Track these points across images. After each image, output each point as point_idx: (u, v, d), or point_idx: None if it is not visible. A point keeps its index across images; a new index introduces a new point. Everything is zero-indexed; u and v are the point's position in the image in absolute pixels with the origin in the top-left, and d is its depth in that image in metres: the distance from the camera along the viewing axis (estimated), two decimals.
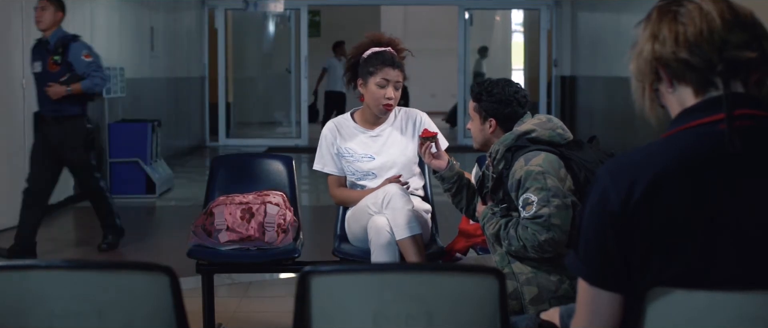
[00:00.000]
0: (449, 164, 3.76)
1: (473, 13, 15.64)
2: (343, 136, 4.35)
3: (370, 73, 4.25)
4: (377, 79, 4.24)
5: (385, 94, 4.24)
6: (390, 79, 4.24)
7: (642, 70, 1.89)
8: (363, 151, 4.30)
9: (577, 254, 1.86)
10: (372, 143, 4.32)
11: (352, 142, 4.33)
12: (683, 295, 1.77)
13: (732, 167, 1.78)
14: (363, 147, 4.31)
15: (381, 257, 3.96)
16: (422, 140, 3.82)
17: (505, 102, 3.52)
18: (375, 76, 4.24)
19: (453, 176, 3.74)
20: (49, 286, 2.03)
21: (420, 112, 4.39)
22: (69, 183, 9.12)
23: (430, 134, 3.83)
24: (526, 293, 3.27)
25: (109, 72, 9.61)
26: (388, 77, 4.23)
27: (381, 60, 4.25)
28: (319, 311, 2.04)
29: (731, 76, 1.82)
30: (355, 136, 4.35)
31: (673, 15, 1.86)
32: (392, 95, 4.26)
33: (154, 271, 2.04)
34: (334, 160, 4.35)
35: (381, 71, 4.23)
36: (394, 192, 4.03)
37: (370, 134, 4.34)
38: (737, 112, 1.79)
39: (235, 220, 4.32)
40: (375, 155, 4.29)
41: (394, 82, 4.25)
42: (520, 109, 3.53)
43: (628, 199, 1.78)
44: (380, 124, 4.35)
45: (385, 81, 4.23)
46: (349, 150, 4.32)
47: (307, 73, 15.35)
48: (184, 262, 4.38)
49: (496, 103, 3.52)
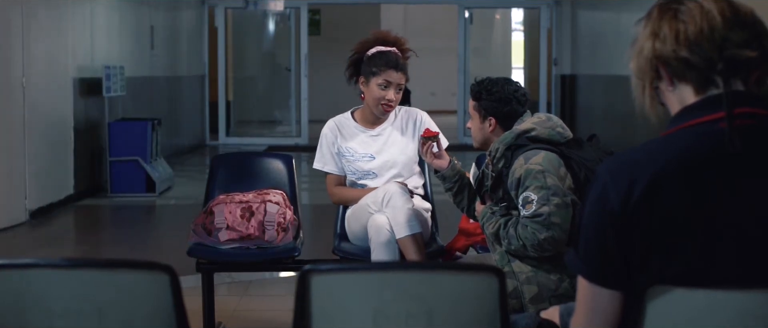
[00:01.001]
0: (451, 164, 3.75)
1: (473, 11, 15.64)
2: (344, 135, 4.34)
3: (373, 73, 4.24)
4: (380, 80, 4.23)
5: (385, 95, 4.23)
6: (392, 82, 4.23)
7: (642, 68, 1.89)
8: (363, 150, 4.30)
9: (577, 252, 1.86)
10: (372, 142, 4.31)
11: (352, 141, 4.33)
12: (683, 293, 1.77)
13: (732, 165, 1.78)
14: (363, 146, 4.31)
15: (381, 256, 3.96)
16: (424, 140, 3.82)
17: (504, 101, 3.51)
18: (377, 77, 4.23)
19: (455, 176, 3.74)
20: (49, 285, 2.02)
21: (420, 112, 4.39)
22: (69, 182, 9.13)
23: (432, 134, 3.83)
24: (526, 292, 3.26)
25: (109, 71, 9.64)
26: (390, 79, 4.22)
27: (385, 61, 4.24)
28: (319, 309, 2.04)
29: (731, 74, 1.81)
30: (355, 135, 4.34)
31: (674, 13, 1.85)
32: (393, 97, 4.25)
33: (155, 270, 2.03)
34: (334, 159, 4.34)
35: (384, 73, 4.22)
36: (395, 191, 4.02)
37: (371, 134, 4.33)
38: (737, 110, 1.79)
39: (235, 218, 4.32)
40: (375, 155, 4.29)
41: (396, 84, 4.24)
42: (520, 107, 3.53)
43: (628, 197, 1.78)
44: (380, 124, 4.35)
45: (387, 82, 4.22)
46: (349, 149, 4.31)
47: (307, 71, 15.35)
48: (184, 261, 4.37)
49: (495, 102, 3.52)
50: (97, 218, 8.90)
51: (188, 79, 14.38)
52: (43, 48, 8.49)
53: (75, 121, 9.32)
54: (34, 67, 8.29)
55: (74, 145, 9.28)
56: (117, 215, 8.92)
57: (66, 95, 9.15)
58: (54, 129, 8.83)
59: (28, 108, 8.18)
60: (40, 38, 8.43)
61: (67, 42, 9.16)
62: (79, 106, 9.43)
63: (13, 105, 7.98)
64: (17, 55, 8.01)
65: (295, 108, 15.74)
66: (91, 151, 9.75)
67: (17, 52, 8.01)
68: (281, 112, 17.28)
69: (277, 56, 17.62)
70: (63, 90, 9.08)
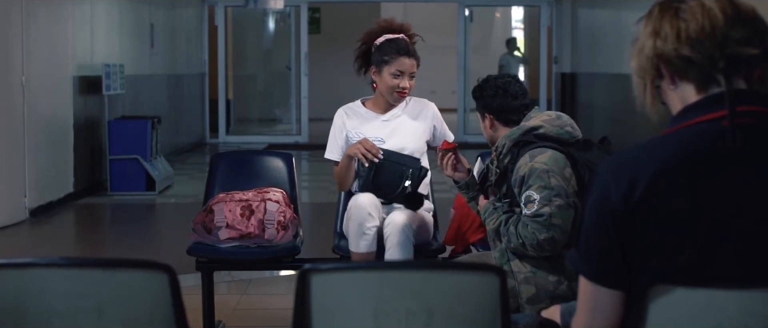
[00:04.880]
0: (471, 174, 3.72)
1: (473, 9, 15.63)
2: (354, 121, 4.33)
3: (385, 62, 4.21)
4: (392, 69, 4.20)
5: (399, 83, 4.21)
6: (405, 69, 4.21)
7: (643, 66, 1.88)
8: (374, 134, 4.27)
9: (578, 251, 1.86)
10: (383, 127, 4.29)
11: (362, 126, 4.30)
12: (685, 293, 1.76)
13: (734, 164, 1.77)
14: (374, 130, 4.28)
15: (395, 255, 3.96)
16: (443, 152, 3.71)
17: (493, 95, 3.49)
18: (390, 66, 4.20)
19: (476, 185, 3.69)
20: (48, 283, 2.02)
21: (431, 104, 4.37)
22: (69, 180, 9.12)
23: (450, 146, 3.72)
24: (523, 292, 3.25)
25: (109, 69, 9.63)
26: (402, 68, 4.20)
27: (396, 49, 4.21)
28: (319, 308, 2.04)
29: (733, 72, 1.81)
30: (366, 120, 4.31)
31: (675, 11, 1.84)
32: (407, 85, 4.23)
33: (154, 269, 2.03)
34: (342, 149, 4.31)
35: (396, 61, 4.19)
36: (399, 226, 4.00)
37: (382, 119, 4.31)
38: (739, 108, 1.78)
39: (235, 217, 4.31)
40: (385, 139, 4.26)
41: (409, 71, 4.22)
42: (513, 100, 3.49)
43: (629, 196, 1.77)
44: (391, 110, 4.33)
45: (399, 71, 4.20)
46: (359, 134, 4.28)
47: (307, 69, 15.35)
48: (184, 259, 4.37)
49: (487, 98, 3.51)
50: (96, 216, 8.90)
51: (188, 77, 14.37)
52: (42, 46, 8.48)
53: (75, 120, 9.31)
54: (34, 66, 8.28)
55: (74, 144, 9.27)
56: (117, 214, 8.91)
57: (66, 93, 9.14)
58: (54, 127, 8.82)
59: (28, 106, 8.16)
60: (40, 36, 8.42)
61: (66, 40, 9.14)
62: (78, 105, 9.42)
63: (12, 103, 7.97)
64: (17, 54, 8.00)
65: (295, 106, 15.73)
66: (91, 149, 9.74)
67: (17, 51, 8.00)
68: (281, 111, 17.28)
69: (277, 54, 17.62)
70: (63, 88, 9.07)
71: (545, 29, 15.32)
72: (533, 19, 16.81)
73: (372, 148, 4.08)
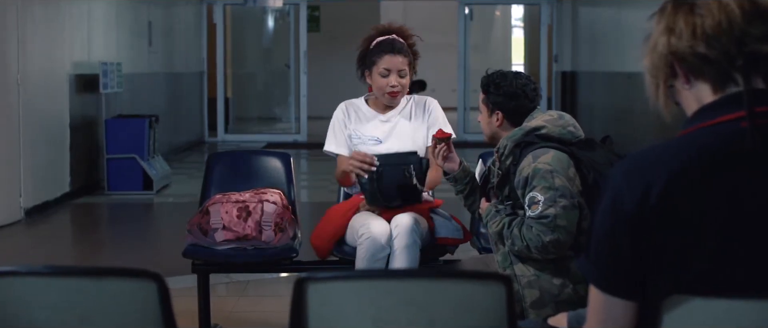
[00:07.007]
0: (462, 166, 3.64)
1: (473, 8, 15.58)
2: (353, 118, 4.28)
3: (373, 63, 4.21)
4: (380, 68, 4.19)
5: (388, 82, 4.18)
6: (392, 67, 4.16)
7: (656, 65, 1.79)
8: (370, 134, 4.23)
9: (589, 259, 1.77)
10: (381, 127, 4.26)
11: (361, 124, 4.27)
12: (701, 303, 1.67)
13: (754, 167, 1.68)
14: (371, 130, 4.25)
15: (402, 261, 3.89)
16: (436, 141, 3.66)
17: (512, 95, 3.41)
18: (377, 66, 4.19)
19: (466, 178, 3.63)
20: (32, 293, 1.93)
21: (431, 99, 4.33)
22: (65, 179, 9.05)
23: (445, 135, 3.66)
24: (528, 296, 3.18)
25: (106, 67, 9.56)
26: (389, 66, 4.17)
27: (381, 48, 4.20)
28: (317, 318, 1.95)
29: (752, 70, 1.72)
30: (365, 119, 4.29)
31: (690, 6, 1.75)
32: (396, 83, 4.18)
33: (142, 277, 1.94)
34: (346, 142, 4.26)
35: (381, 60, 4.18)
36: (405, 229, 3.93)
37: (381, 119, 4.28)
38: (759, 109, 1.69)
39: (231, 218, 4.24)
40: (382, 139, 4.22)
41: (397, 70, 4.17)
42: (529, 103, 3.42)
43: (644, 201, 1.68)
44: (390, 110, 4.29)
45: (386, 70, 4.17)
46: (357, 132, 4.24)
47: (306, 68, 15.31)
48: (181, 260, 4.31)
49: (502, 96, 3.41)
50: (93, 216, 8.83)
51: (186, 75, 14.30)
52: (38, 44, 8.40)
53: (71, 118, 9.24)
54: (30, 64, 8.21)
55: (71, 143, 9.20)
56: (114, 213, 8.84)
57: (62, 92, 9.06)
58: (50, 126, 8.75)
59: (24, 105, 8.09)
60: (36, 34, 8.35)
61: (63, 38, 9.07)
62: (75, 103, 9.34)
63: (8, 102, 7.89)
64: (12, 52, 7.92)
65: (294, 105, 15.70)
66: (88, 148, 9.67)
67: (12, 49, 7.92)
68: (280, 109, 17.23)
69: (277, 53, 17.56)
70: (59, 87, 8.99)
71: (545, 28, 15.26)
72: (533, 17, 16.75)
73: (365, 158, 4.02)
